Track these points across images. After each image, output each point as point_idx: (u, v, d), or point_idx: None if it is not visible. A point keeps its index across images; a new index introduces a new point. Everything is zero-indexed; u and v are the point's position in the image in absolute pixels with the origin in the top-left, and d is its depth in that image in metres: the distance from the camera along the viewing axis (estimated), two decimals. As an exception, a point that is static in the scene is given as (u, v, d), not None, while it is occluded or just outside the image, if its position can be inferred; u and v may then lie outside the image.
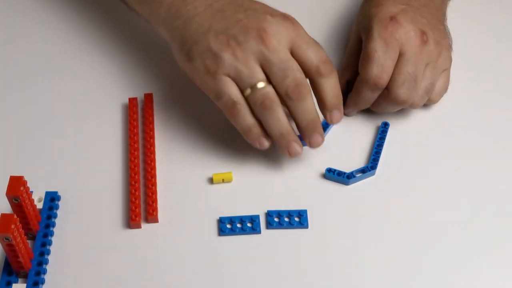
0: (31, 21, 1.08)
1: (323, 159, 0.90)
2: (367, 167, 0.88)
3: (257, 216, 0.84)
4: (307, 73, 0.84)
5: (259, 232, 0.83)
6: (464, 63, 1.03)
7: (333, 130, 0.94)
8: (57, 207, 0.84)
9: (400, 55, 0.87)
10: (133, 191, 0.85)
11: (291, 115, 0.84)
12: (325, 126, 0.93)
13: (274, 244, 0.82)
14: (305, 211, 0.84)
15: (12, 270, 0.78)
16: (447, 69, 0.93)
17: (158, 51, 1.04)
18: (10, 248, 0.74)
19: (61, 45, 1.05)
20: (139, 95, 0.97)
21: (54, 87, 0.99)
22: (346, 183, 0.88)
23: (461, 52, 1.04)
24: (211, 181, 0.88)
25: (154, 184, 0.86)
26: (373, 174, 0.89)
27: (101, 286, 0.78)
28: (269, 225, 0.83)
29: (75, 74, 1.01)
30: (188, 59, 0.86)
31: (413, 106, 0.90)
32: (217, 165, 0.90)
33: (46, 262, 0.79)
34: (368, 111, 0.96)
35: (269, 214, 0.84)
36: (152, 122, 0.93)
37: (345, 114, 0.94)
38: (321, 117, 0.95)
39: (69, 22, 1.08)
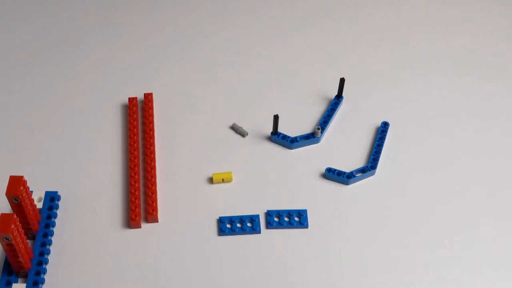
0: (31, 22, 1.08)
1: (323, 159, 0.90)
2: (367, 167, 0.88)
3: (257, 216, 0.84)
4: None
5: (259, 232, 0.83)
6: (465, 64, 1.03)
7: (333, 130, 0.94)
8: (57, 207, 0.84)
9: None
10: (133, 191, 0.85)
11: None
12: (324, 126, 0.93)
13: (274, 244, 0.82)
14: (305, 211, 0.84)
15: (12, 270, 0.78)
16: None
17: (158, 51, 1.04)
18: (10, 248, 0.74)
19: (61, 45, 1.05)
20: (139, 95, 0.97)
21: (54, 87, 0.99)
22: (346, 183, 0.88)
23: (462, 52, 1.05)
24: (211, 181, 0.88)
25: (154, 184, 0.86)
26: (373, 174, 0.89)
27: (101, 286, 0.78)
28: (269, 225, 0.83)
29: (75, 74, 1.01)
30: None
31: None
32: (217, 165, 0.90)
33: (46, 262, 0.79)
34: (368, 111, 0.96)
35: (269, 214, 0.84)
36: (152, 122, 0.93)
37: None
38: (320, 116, 0.95)
39: (69, 23, 1.08)
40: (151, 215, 0.83)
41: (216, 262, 0.80)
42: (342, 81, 0.94)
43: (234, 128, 0.94)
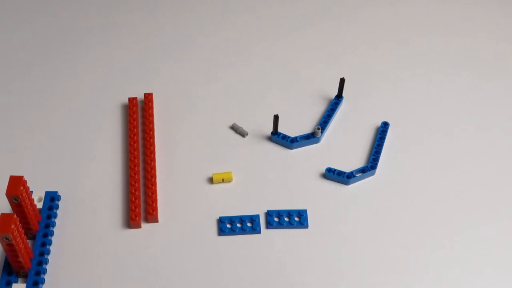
0: (31, 22, 1.08)
1: (323, 159, 0.90)
2: (367, 167, 0.88)
3: (257, 216, 0.84)
4: None
5: (259, 232, 0.83)
6: (465, 64, 1.03)
7: (333, 130, 0.94)
8: (57, 207, 0.84)
9: None
10: (133, 191, 0.85)
11: None
12: (324, 126, 0.93)
13: (274, 244, 0.82)
14: (305, 211, 0.84)
15: (12, 270, 0.78)
16: None
17: (158, 51, 1.04)
18: (10, 248, 0.74)
19: (61, 45, 1.05)
20: (139, 95, 0.97)
21: (54, 87, 0.99)
22: (346, 183, 0.88)
23: (462, 52, 1.05)
24: (211, 181, 0.88)
25: (154, 184, 0.86)
26: (373, 174, 0.89)
27: (101, 286, 0.78)
28: (269, 224, 0.83)
29: (75, 74, 1.01)
30: None
31: None
32: (217, 165, 0.90)
33: (46, 262, 0.79)
34: (368, 111, 0.96)
35: (269, 214, 0.84)
36: (152, 122, 0.93)
37: None
38: (320, 116, 0.95)
39: (69, 23, 1.08)
40: (151, 215, 0.83)
41: (216, 262, 0.80)
42: (342, 81, 0.94)
43: (234, 128, 0.94)
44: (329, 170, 0.88)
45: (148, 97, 0.96)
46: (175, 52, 1.04)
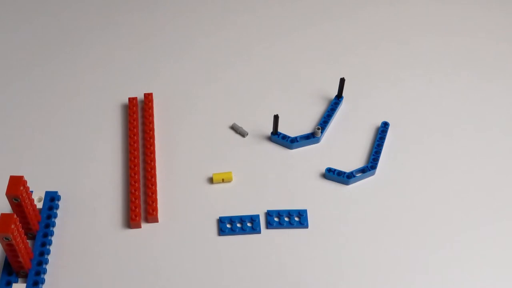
0: (31, 22, 1.08)
1: (323, 159, 0.90)
2: (367, 167, 0.88)
3: (257, 216, 0.84)
4: None
5: (259, 232, 0.83)
6: (465, 64, 1.03)
7: (333, 130, 0.94)
8: (57, 207, 0.84)
9: None
10: (133, 191, 0.85)
11: None
12: (324, 126, 0.93)
13: (274, 244, 0.82)
14: (305, 211, 0.84)
15: (12, 270, 0.78)
16: None
17: (158, 51, 1.04)
18: (10, 248, 0.74)
19: (61, 45, 1.05)
20: (139, 95, 0.97)
21: (54, 87, 0.99)
22: (346, 183, 0.88)
23: (462, 52, 1.05)
24: (211, 181, 0.88)
25: (154, 184, 0.86)
26: (373, 174, 0.89)
27: (101, 286, 0.78)
28: (269, 224, 0.83)
29: (75, 74, 1.01)
30: None
31: None
32: (217, 165, 0.90)
33: (46, 262, 0.79)
34: (368, 111, 0.96)
35: (269, 214, 0.84)
36: (152, 122, 0.93)
37: None
38: (320, 116, 0.95)
39: (69, 23, 1.08)
40: (151, 215, 0.83)
41: (216, 262, 0.80)
42: (342, 81, 0.94)
43: (234, 128, 0.94)
44: (329, 170, 0.88)
45: (148, 97, 0.96)
46: (175, 52, 1.04)
